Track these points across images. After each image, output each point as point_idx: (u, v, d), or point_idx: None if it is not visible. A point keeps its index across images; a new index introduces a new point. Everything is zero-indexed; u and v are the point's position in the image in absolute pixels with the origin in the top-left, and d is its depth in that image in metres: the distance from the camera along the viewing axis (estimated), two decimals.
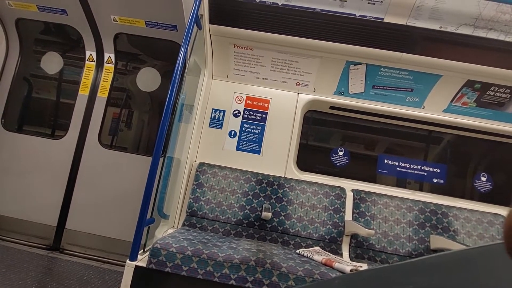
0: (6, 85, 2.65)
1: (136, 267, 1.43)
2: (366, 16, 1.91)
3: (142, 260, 1.47)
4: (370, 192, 2.16)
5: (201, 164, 2.19)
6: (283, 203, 2.08)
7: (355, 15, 1.92)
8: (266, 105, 2.37)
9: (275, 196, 2.10)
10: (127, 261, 1.45)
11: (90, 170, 2.49)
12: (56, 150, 2.53)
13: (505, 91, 2.16)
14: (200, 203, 2.06)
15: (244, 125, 2.36)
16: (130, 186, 2.43)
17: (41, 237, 2.44)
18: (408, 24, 1.90)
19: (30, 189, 2.51)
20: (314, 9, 1.93)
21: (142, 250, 1.58)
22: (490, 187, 2.46)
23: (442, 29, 1.90)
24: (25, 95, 2.81)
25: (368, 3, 1.86)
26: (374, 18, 1.91)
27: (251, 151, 2.32)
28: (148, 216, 1.57)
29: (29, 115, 2.83)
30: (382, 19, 1.91)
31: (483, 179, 2.47)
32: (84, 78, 2.60)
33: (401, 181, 2.50)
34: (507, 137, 2.37)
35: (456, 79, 2.15)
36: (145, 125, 2.87)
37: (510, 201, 2.45)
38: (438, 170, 2.47)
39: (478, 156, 2.58)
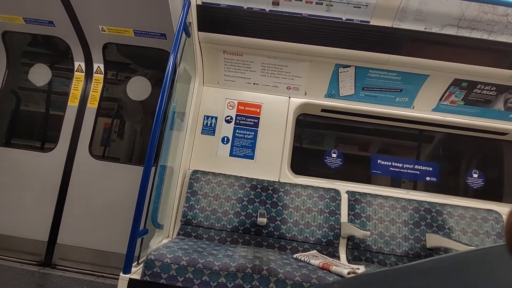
0: None
1: (130, 280, 1.40)
2: (352, 20, 1.94)
3: (136, 272, 1.44)
4: (365, 193, 2.16)
5: (195, 172, 2.17)
6: (278, 208, 2.07)
7: (341, 19, 1.95)
8: (258, 110, 2.37)
9: (270, 201, 2.08)
10: (121, 274, 1.41)
11: (82, 182, 2.44)
12: (46, 163, 2.48)
13: (491, 89, 2.20)
14: (194, 211, 2.04)
15: (237, 130, 2.35)
16: (123, 197, 2.39)
17: (32, 253, 2.37)
18: (394, 26, 1.94)
19: (19, 204, 2.45)
20: (301, 14, 1.95)
21: (136, 262, 1.55)
22: (482, 183, 2.49)
23: (427, 30, 1.94)
24: (13, 108, 2.76)
25: (354, 6, 1.89)
26: (361, 21, 1.94)
27: (245, 156, 2.31)
28: (142, 227, 1.54)
29: (18, 128, 2.78)
30: (369, 22, 1.94)
31: (475, 175, 2.51)
32: (73, 89, 2.57)
33: (395, 181, 2.52)
34: (495, 133, 2.42)
35: (443, 79, 2.19)
36: (138, 134, 2.84)
37: (502, 196, 2.48)
38: (431, 169, 2.49)
39: (468, 153, 2.61)
